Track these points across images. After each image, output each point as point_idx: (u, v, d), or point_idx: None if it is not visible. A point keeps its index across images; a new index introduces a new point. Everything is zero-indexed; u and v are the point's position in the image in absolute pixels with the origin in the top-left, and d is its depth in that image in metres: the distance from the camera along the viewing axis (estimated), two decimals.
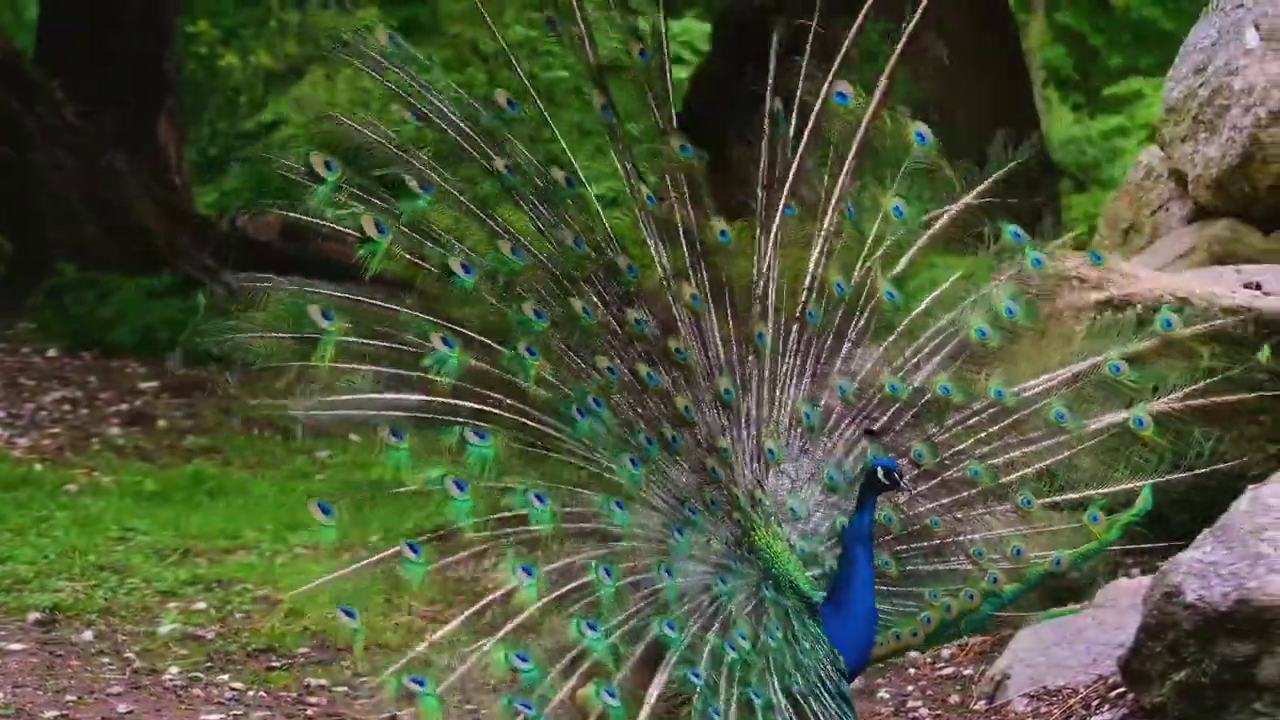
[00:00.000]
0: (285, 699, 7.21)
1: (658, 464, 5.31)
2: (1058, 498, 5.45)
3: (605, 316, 5.37)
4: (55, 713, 6.92)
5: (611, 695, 4.93)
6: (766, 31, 5.54)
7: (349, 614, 5.14)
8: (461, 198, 5.33)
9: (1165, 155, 8.92)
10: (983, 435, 5.44)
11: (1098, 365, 5.48)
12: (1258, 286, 7.27)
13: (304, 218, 5.30)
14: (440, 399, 5.20)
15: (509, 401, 5.24)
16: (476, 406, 5.23)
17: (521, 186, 5.36)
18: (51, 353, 13.97)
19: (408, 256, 5.27)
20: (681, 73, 19.43)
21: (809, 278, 5.49)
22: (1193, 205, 8.73)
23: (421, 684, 4.91)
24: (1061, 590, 6.50)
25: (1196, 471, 5.52)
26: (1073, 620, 6.31)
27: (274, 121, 19.56)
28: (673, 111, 5.50)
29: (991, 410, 5.44)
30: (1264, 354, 5.73)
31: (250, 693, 7.25)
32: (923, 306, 5.51)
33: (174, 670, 7.45)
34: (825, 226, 5.51)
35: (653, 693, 4.98)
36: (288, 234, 14.57)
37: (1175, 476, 5.50)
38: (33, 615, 7.99)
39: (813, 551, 5.33)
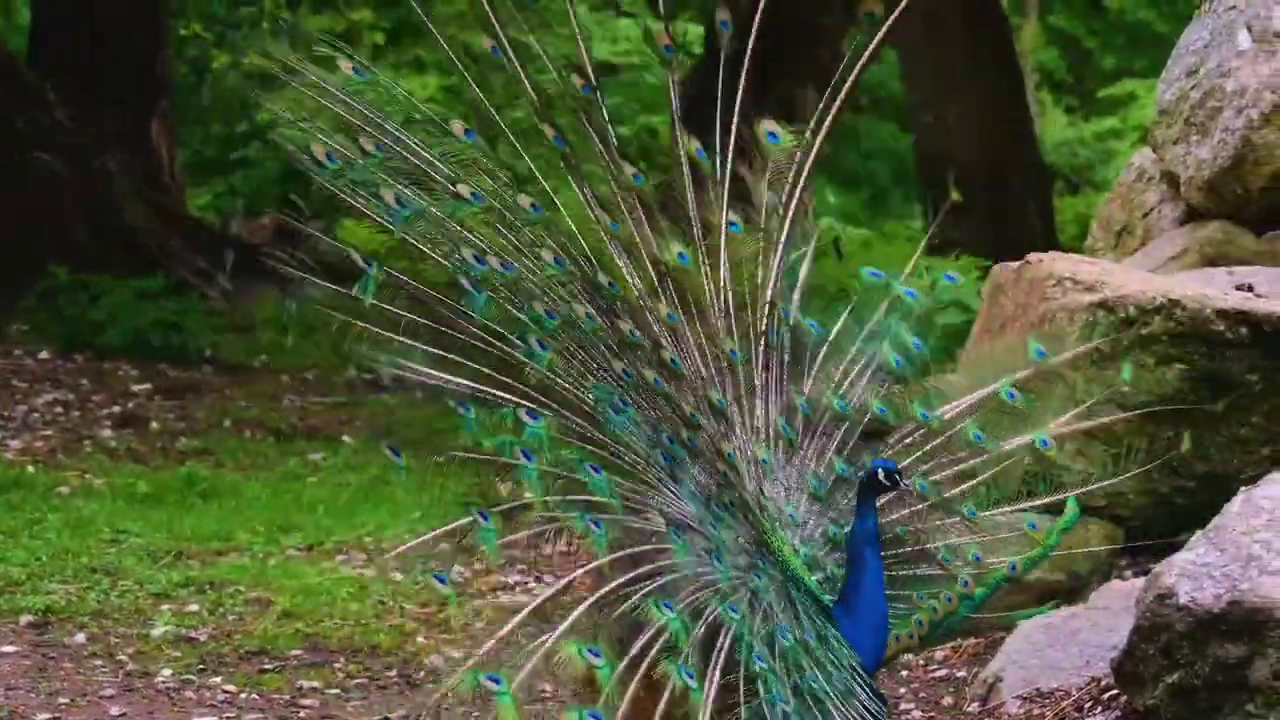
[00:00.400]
0: (278, 701, 7.21)
1: (684, 462, 5.42)
2: (994, 511, 5.61)
3: (603, 324, 5.48)
4: (48, 715, 6.91)
5: (690, 676, 4.99)
6: (757, 35, 5.58)
7: (440, 580, 5.33)
8: (446, 219, 5.48)
9: (1157, 157, 8.91)
10: (919, 454, 5.62)
11: (995, 392, 5.66)
12: (1250, 288, 7.27)
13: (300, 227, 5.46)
14: (487, 388, 5.39)
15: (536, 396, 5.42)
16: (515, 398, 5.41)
17: (492, 210, 5.52)
18: (44, 355, 13.96)
19: (416, 244, 5.43)
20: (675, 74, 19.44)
21: (769, 293, 5.63)
22: (1185, 207, 8.72)
23: (497, 682, 4.92)
24: (1058, 593, 6.55)
25: (1113, 481, 5.71)
26: (1066, 622, 6.32)
27: (268, 123, 19.57)
28: (614, 137, 5.61)
29: (921, 431, 5.63)
30: (1125, 372, 5.94)
31: (243, 695, 7.25)
32: (831, 336, 5.70)
33: (167, 672, 7.44)
34: (769, 248, 5.65)
35: (713, 676, 5.05)
36: (282, 236, 14.57)
37: (1106, 483, 5.76)
38: (25, 618, 7.99)
39: (813, 556, 5.43)
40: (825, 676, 5.20)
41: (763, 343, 5.59)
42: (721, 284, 5.58)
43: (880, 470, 5.30)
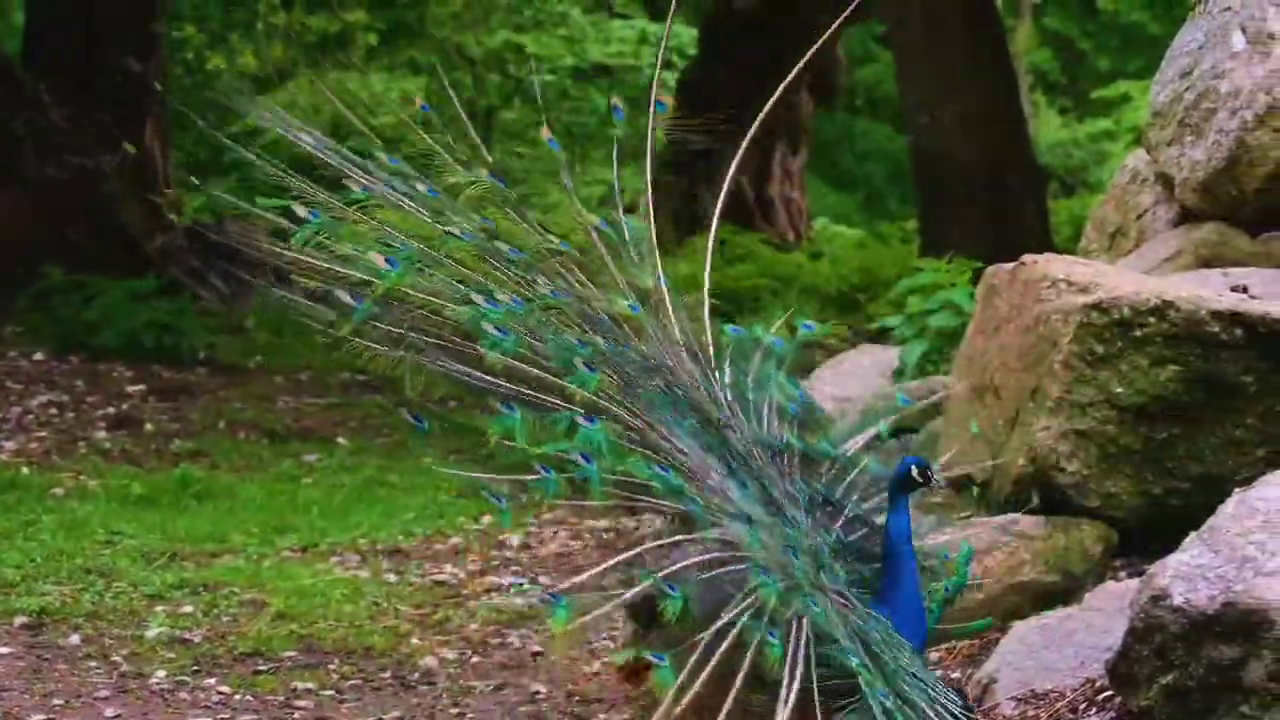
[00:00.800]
0: (272, 703, 7.21)
1: (738, 466, 5.50)
2: (917, 542, 5.66)
3: (620, 349, 5.59)
4: (42, 716, 6.91)
5: (773, 635, 5.07)
6: (751, 37, 5.64)
7: (497, 499, 5.39)
8: (444, 258, 5.60)
9: (1151, 159, 8.90)
10: (844, 484, 5.73)
11: (878, 433, 5.87)
12: (1245, 290, 7.26)
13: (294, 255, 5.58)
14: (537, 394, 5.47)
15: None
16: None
17: (482, 247, 5.64)
18: (38, 356, 13.96)
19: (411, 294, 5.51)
20: (670, 77, 19.45)
21: (707, 339, 5.78)
22: (1179, 209, 8.71)
23: (557, 599, 5.09)
24: (1053, 594, 6.57)
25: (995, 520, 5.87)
26: (1061, 624, 6.33)
27: (261, 127, 19.59)
28: (530, 218, 5.75)
29: (838, 465, 5.75)
30: (973, 427, 6.40)
31: (237, 696, 7.25)
32: (727, 380, 5.78)
33: (161, 674, 7.44)
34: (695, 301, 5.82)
35: (797, 661, 5.10)
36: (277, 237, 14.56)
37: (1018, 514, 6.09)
38: (20, 619, 7.99)
39: (830, 564, 5.45)
40: (912, 671, 5.26)
41: (716, 378, 5.71)
42: (672, 329, 5.70)
43: (913, 467, 5.38)
